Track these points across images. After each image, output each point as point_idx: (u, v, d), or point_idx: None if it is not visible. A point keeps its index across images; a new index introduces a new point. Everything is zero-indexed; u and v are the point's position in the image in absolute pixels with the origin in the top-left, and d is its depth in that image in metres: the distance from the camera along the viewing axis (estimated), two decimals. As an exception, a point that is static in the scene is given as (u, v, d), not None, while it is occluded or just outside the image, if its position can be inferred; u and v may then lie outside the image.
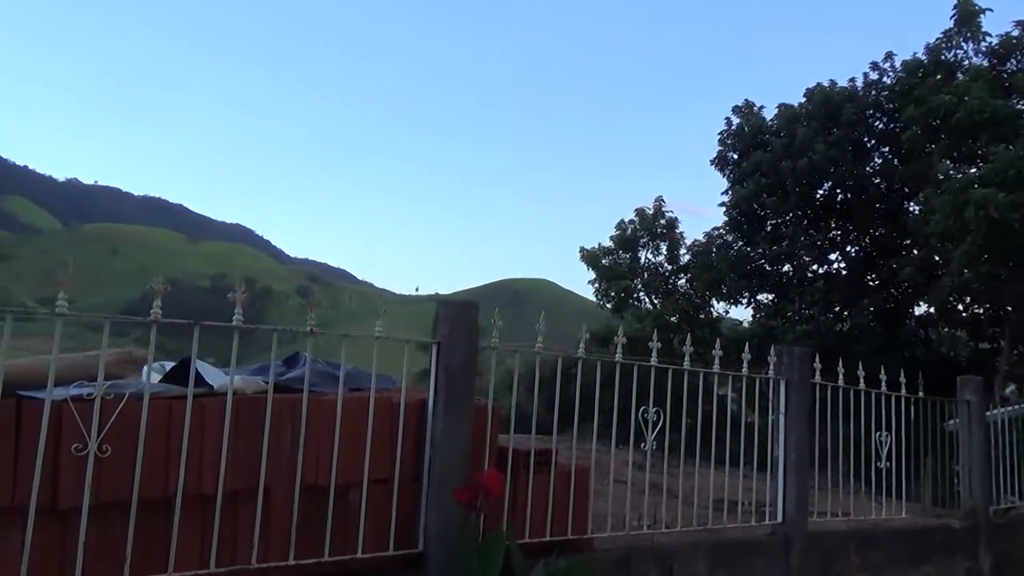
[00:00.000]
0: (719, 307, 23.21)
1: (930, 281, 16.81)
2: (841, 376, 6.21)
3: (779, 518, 5.51)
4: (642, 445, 4.65)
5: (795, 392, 5.61)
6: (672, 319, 22.67)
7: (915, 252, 18.13)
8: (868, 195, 19.67)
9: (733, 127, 21.73)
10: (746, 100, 21.93)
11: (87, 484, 2.88)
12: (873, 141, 20.30)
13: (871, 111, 19.98)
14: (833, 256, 21.37)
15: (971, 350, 19.39)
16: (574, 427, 4.85)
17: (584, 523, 4.38)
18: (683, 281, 23.95)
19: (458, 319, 3.91)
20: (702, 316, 23.01)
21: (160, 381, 3.67)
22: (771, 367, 5.66)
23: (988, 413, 7.91)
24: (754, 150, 20.75)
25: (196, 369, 3.70)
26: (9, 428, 2.84)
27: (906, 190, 19.22)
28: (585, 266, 23.98)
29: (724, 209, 21.62)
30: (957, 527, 7.09)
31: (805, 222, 20.97)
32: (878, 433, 6.37)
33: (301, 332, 3.58)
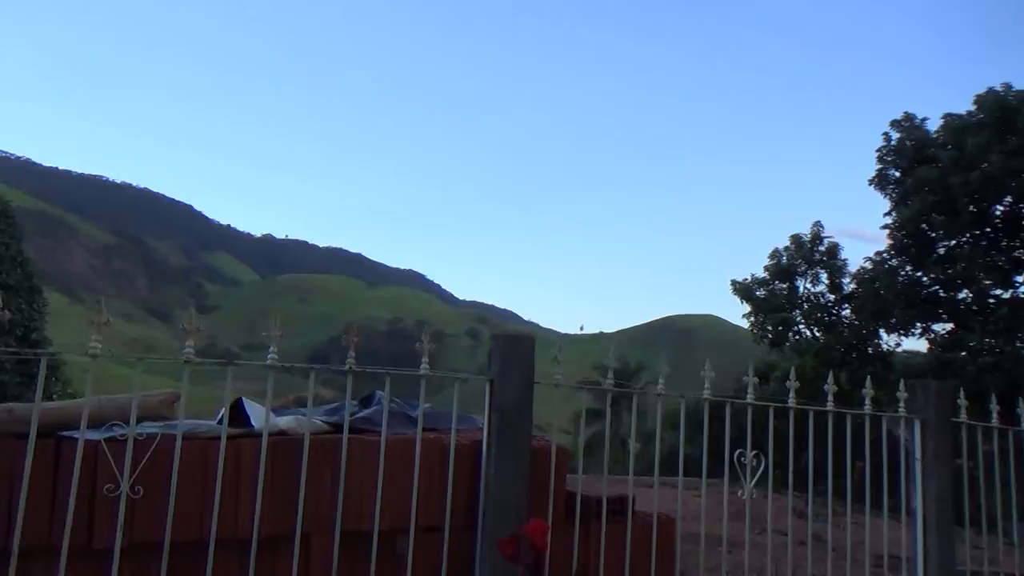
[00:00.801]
0: (888, 339, 21.35)
1: None
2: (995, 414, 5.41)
3: (918, 582, 4.83)
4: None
5: (932, 433, 4.92)
6: (837, 353, 21.06)
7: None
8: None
9: (892, 142, 20.12)
10: (905, 113, 20.33)
11: (119, 525, 2.96)
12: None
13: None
14: (1020, 279, 19.07)
15: None
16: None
17: (668, 578, 4.03)
18: (848, 311, 22.28)
19: (511, 354, 3.74)
20: (870, 349, 21.22)
21: (217, 422, 3.78)
22: (901, 404, 5.01)
23: None
24: (918, 166, 19.07)
25: (244, 409, 3.78)
26: (47, 468, 2.99)
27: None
28: (739, 299, 22.90)
29: (888, 232, 19.97)
30: None
31: (983, 242, 18.91)
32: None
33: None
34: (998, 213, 19.09)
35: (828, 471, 4.38)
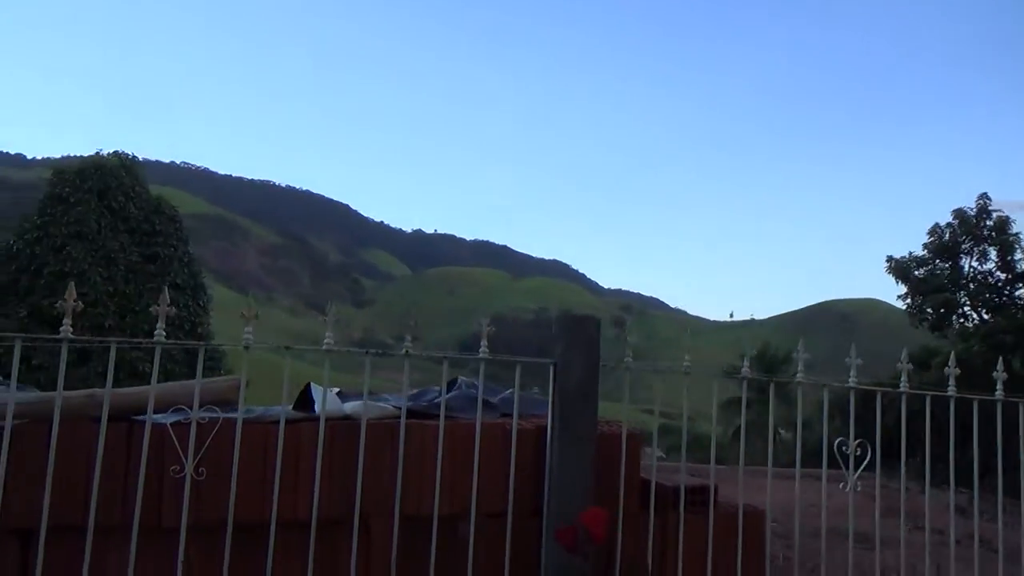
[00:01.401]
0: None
1: None
2: None
3: (1057, 592, 4.25)
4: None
5: None
6: (1007, 337, 19.06)
7: None
8: None
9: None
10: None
11: (185, 505, 3.09)
12: None
13: None
14: None
15: None
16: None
17: (758, 579, 3.74)
18: (1022, 291, 20.12)
19: (574, 336, 3.59)
20: (1053, 331, 19.07)
21: (293, 407, 3.87)
22: (998, 386, 4.39)
23: None
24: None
25: (310, 395, 3.85)
26: (121, 450, 3.17)
27: None
28: (894, 279, 21.21)
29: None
30: None
31: None
32: None
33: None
34: None
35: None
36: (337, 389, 4.25)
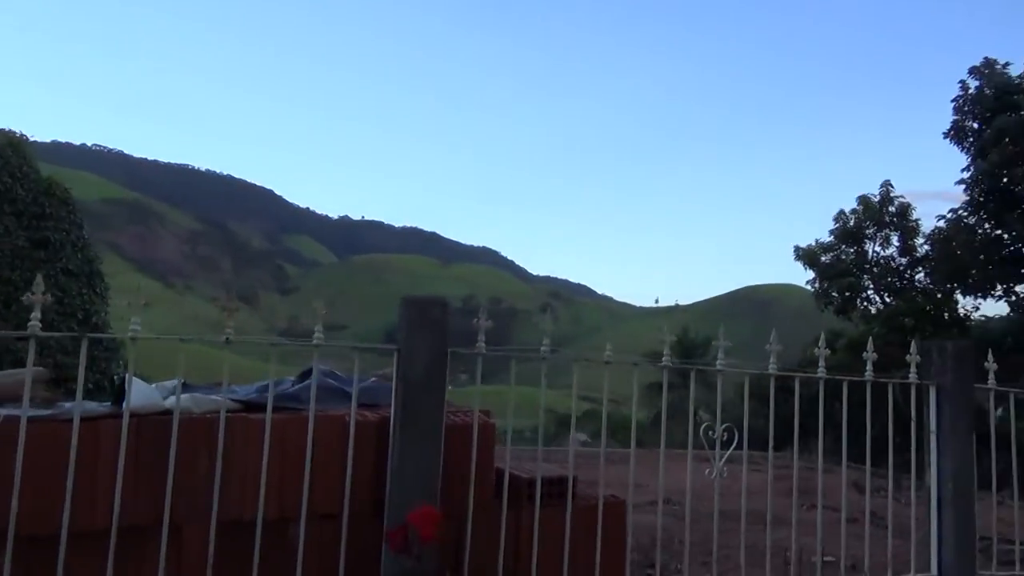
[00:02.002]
0: (966, 302, 19.86)
1: None
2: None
3: (934, 570, 4.19)
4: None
5: (949, 401, 4.26)
6: (907, 319, 19.71)
7: None
8: None
9: (971, 91, 18.52)
10: (985, 59, 18.63)
11: (-46, 516, 2.68)
12: None
13: None
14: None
15: None
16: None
17: (619, 573, 3.54)
18: (921, 275, 20.82)
19: (419, 320, 3.30)
20: (946, 314, 19.79)
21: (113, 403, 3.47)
22: (912, 369, 4.34)
23: None
24: (998, 115, 17.50)
25: (123, 387, 3.46)
26: None
27: None
28: (802, 266, 21.67)
29: (964, 187, 18.46)
30: None
31: (1075, 195, 17.27)
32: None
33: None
34: (1090, 163, 17.36)
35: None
36: (171, 382, 3.85)
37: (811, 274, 21.63)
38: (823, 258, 21.42)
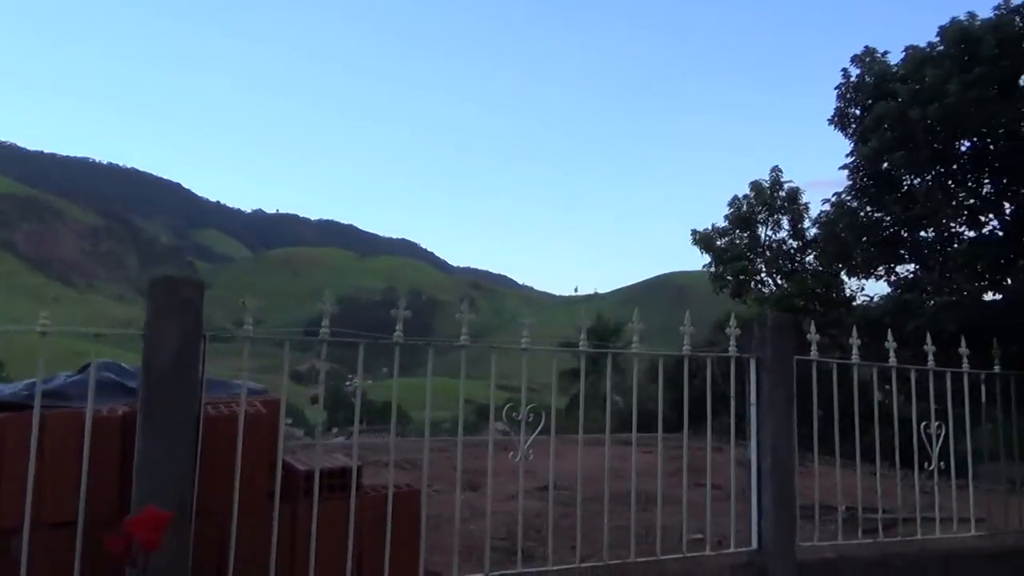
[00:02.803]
0: (851, 283, 20.59)
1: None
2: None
3: (754, 543, 4.12)
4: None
5: (769, 374, 4.19)
6: (799, 301, 20.28)
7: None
8: (1016, 138, 16.47)
9: (853, 79, 19.12)
10: (866, 47, 19.25)
11: None
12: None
13: (1018, 43, 16.75)
14: (988, 217, 18.19)
15: None
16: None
17: (413, 570, 3.29)
18: (811, 258, 21.48)
19: (166, 302, 2.95)
20: (834, 295, 20.47)
21: None
22: (731, 343, 4.26)
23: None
24: (878, 101, 18.10)
25: None
26: None
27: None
28: (699, 250, 22.05)
29: (848, 172, 19.07)
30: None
31: (948, 179, 18.02)
32: (924, 424, 4.75)
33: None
34: (964, 149, 18.17)
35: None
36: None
37: (708, 258, 22.07)
38: (718, 242, 21.86)
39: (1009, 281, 16.17)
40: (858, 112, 19.04)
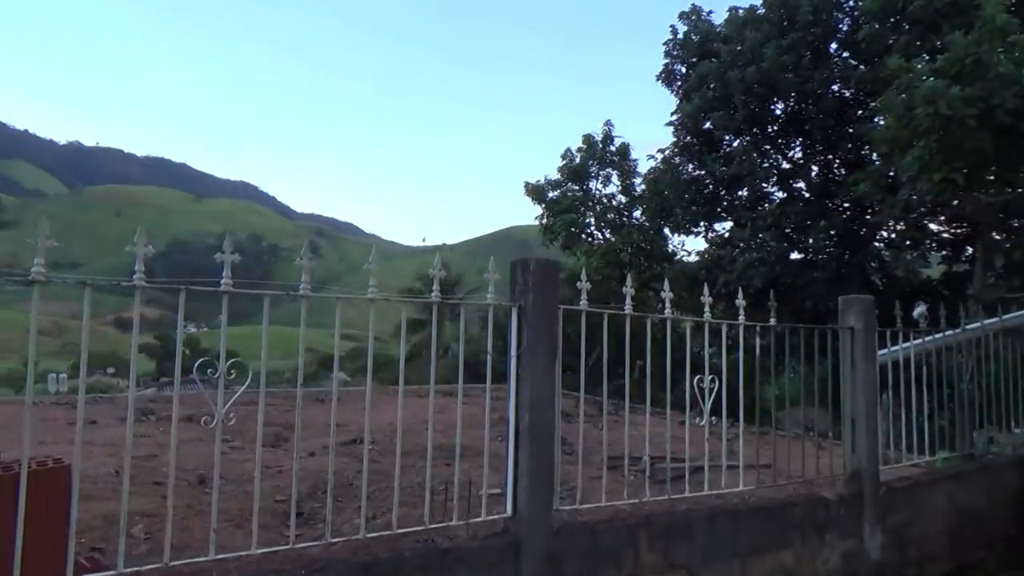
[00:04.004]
0: (675, 239, 21.31)
1: (889, 197, 14.76)
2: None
3: (508, 510, 3.78)
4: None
5: (531, 323, 3.80)
6: (624, 254, 20.75)
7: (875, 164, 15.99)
8: (826, 105, 17.45)
9: (679, 36, 19.46)
10: (693, 5, 19.61)
11: None
12: (835, 45, 18.02)
13: (831, 11, 17.63)
14: (796, 179, 19.27)
15: (944, 275, 17.46)
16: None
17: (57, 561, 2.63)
18: (639, 213, 21.98)
19: None
20: (662, 249, 21.12)
21: None
22: (490, 288, 3.87)
23: (888, 349, 6.13)
24: (701, 61, 18.54)
25: None
26: None
27: (864, 98, 16.98)
28: (531, 200, 22.00)
29: (672, 129, 19.53)
30: (831, 497, 5.36)
31: (763, 141, 18.87)
32: (697, 378, 4.59)
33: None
34: (778, 111, 19.02)
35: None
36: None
37: (539, 210, 22.07)
38: (550, 194, 21.87)
39: (811, 241, 17.21)
40: (683, 70, 19.44)
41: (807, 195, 18.96)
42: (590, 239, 22.19)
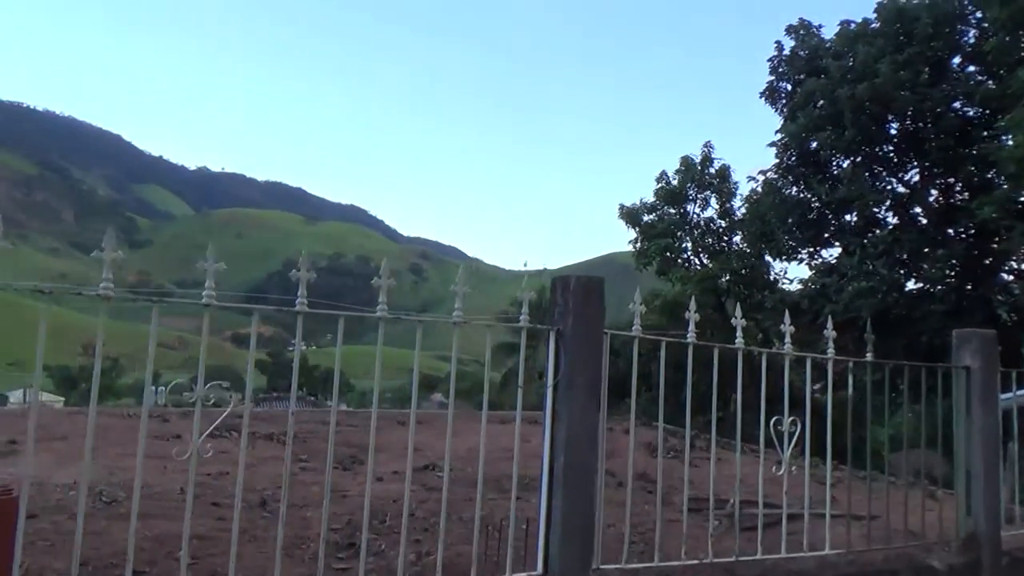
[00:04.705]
0: (777, 266, 20.14)
1: (1019, 224, 13.35)
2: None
3: (538, 566, 3.27)
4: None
5: (569, 349, 3.29)
6: (722, 281, 19.79)
7: (1001, 187, 14.53)
8: (946, 123, 16.08)
9: (785, 52, 18.49)
10: (801, 19, 18.60)
11: None
12: (957, 60, 16.66)
13: (954, 23, 16.31)
14: (912, 204, 17.85)
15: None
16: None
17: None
18: (739, 238, 20.96)
19: None
20: (758, 277, 20.01)
21: None
22: (523, 310, 3.39)
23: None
24: (809, 77, 17.52)
25: None
26: None
27: (990, 115, 15.52)
28: (625, 224, 21.34)
29: (775, 150, 18.50)
30: (939, 567, 4.54)
31: (875, 163, 17.59)
32: (774, 420, 3.97)
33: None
34: (892, 132, 17.74)
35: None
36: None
37: (633, 234, 21.40)
38: (645, 218, 21.16)
39: (928, 270, 15.84)
40: (788, 87, 18.46)
41: (923, 221, 17.51)
42: (686, 265, 21.32)
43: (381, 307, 2.97)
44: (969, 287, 15.54)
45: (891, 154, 17.94)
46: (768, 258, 19.81)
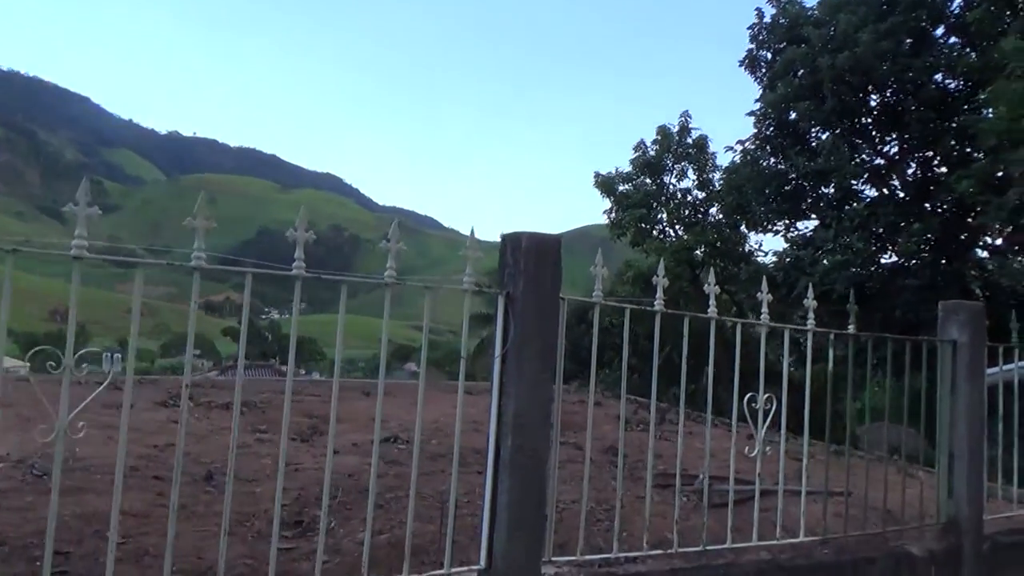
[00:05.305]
0: (753, 238, 19.93)
1: (996, 198, 13.18)
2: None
3: (482, 560, 2.92)
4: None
5: (520, 316, 2.92)
6: (698, 252, 19.55)
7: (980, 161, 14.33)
8: (927, 96, 15.83)
9: (766, 20, 18.09)
10: (782, -16, 18.20)
11: None
12: (940, 30, 16.38)
13: (937, -9, 15.99)
14: (891, 177, 17.66)
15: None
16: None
17: None
18: (715, 209, 20.69)
19: None
20: (739, 249, 19.78)
21: None
22: (467, 270, 3.02)
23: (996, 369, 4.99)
24: (789, 46, 17.16)
25: None
26: None
27: (972, 88, 15.28)
28: (599, 193, 20.95)
29: (754, 120, 18.17)
30: (918, 554, 4.29)
31: (854, 135, 17.35)
32: (748, 396, 3.67)
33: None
34: (872, 103, 17.49)
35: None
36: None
37: (608, 203, 21.04)
38: (621, 187, 20.80)
39: (904, 244, 15.69)
40: (769, 56, 18.09)
41: (901, 194, 17.34)
42: (662, 236, 21.03)
43: (389, 272, 2.81)
44: (944, 262, 15.43)
45: (870, 126, 17.70)
46: (744, 229, 19.59)
